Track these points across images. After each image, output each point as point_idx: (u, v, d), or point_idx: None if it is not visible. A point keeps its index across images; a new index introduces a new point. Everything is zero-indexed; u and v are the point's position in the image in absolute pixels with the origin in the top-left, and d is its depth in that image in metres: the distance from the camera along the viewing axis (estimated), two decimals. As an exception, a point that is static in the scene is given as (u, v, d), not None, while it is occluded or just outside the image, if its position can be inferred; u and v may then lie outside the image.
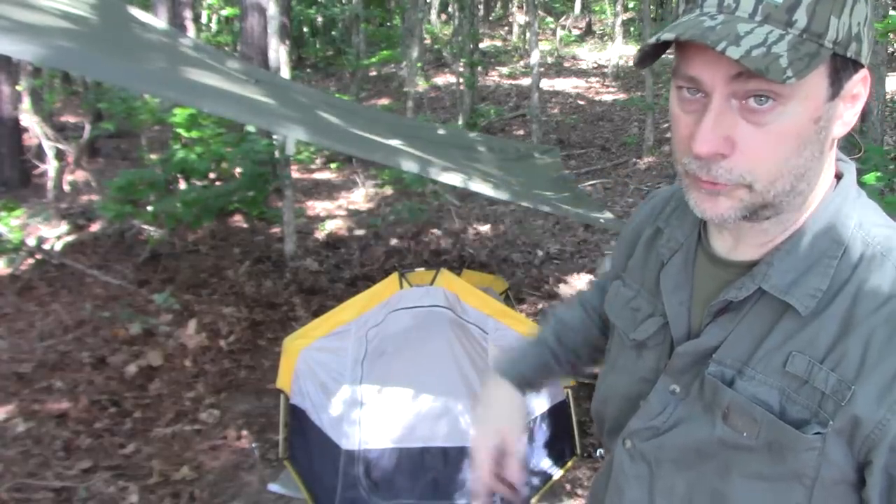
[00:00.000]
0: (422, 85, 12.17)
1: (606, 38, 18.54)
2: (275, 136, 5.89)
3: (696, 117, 0.72)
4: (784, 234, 0.78)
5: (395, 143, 3.34)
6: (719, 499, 0.79)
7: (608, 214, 4.03)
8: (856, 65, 0.72)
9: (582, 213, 3.37)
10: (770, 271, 0.76)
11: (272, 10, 5.84)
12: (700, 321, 0.84)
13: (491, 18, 20.96)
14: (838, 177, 0.81)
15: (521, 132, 10.75)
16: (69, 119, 11.16)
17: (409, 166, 3.10)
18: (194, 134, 5.82)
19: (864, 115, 5.38)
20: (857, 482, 0.73)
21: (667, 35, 0.69)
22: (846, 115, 0.74)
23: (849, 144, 0.91)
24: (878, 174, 2.74)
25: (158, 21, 5.62)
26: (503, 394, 1.12)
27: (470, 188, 3.14)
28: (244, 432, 3.56)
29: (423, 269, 3.38)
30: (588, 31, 19.67)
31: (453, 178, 3.09)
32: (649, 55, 0.76)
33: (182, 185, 5.66)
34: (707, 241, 0.87)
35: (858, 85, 0.73)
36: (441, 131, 5.12)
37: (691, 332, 0.85)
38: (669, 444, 0.84)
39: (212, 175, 5.62)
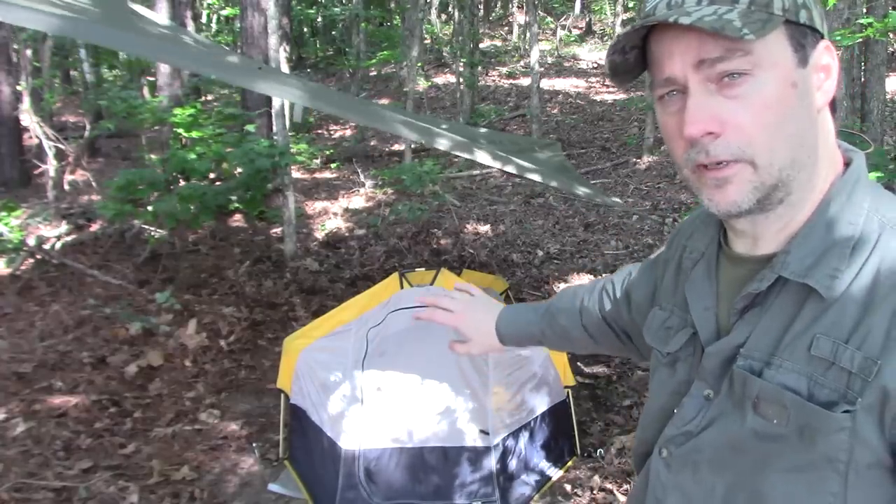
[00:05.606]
0: (422, 85, 12.17)
1: (606, 37, 18.55)
2: (275, 137, 5.89)
3: (682, 112, 0.76)
4: (799, 222, 0.79)
5: (398, 117, 3.31)
6: (756, 497, 0.78)
7: (616, 199, 4.00)
8: (815, 34, 0.75)
9: (592, 193, 3.34)
10: (788, 259, 0.77)
11: (272, 10, 5.83)
12: (727, 322, 0.84)
13: (491, 18, 20.95)
14: (847, 164, 0.82)
15: (521, 132, 10.75)
16: (69, 119, 11.16)
17: (411, 135, 3.04)
18: (194, 134, 5.81)
19: (864, 115, 5.37)
20: (892, 466, 0.72)
21: (625, 30, 0.75)
22: (825, 85, 0.77)
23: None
24: (880, 174, 2.74)
25: (160, 16, 5.61)
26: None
27: (476, 160, 3.07)
28: (244, 432, 3.56)
29: (423, 269, 3.37)
30: (588, 31, 19.66)
31: (457, 149, 3.02)
32: (623, 68, 0.81)
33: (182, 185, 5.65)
34: (728, 245, 0.88)
35: (825, 55, 0.76)
36: (444, 125, 5.11)
37: (720, 334, 0.85)
38: (704, 444, 0.84)
39: (212, 175, 5.61)
